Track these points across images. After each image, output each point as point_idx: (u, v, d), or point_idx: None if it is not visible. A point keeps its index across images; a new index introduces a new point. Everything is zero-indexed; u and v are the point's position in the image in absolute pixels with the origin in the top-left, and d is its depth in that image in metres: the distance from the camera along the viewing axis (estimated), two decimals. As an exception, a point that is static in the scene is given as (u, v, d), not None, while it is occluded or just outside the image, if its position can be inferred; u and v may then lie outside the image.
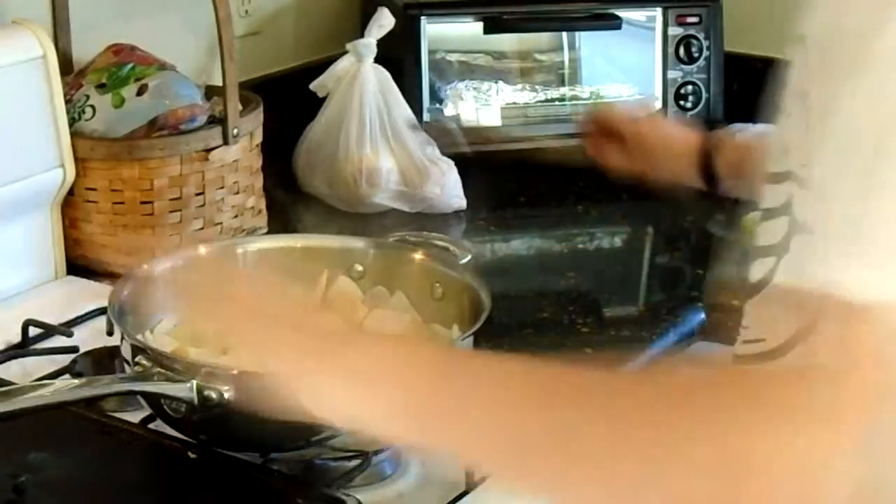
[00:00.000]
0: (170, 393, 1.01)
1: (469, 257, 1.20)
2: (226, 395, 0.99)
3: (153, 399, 1.04)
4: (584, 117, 1.42)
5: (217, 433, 1.05)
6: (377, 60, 1.78)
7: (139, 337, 1.11)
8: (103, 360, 1.22)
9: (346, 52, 1.79)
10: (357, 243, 1.28)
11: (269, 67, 1.93)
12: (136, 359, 1.03)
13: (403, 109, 1.78)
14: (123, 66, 1.51)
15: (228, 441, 1.07)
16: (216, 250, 1.26)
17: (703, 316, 1.47)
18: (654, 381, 0.72)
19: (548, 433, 0.70)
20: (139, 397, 1.06)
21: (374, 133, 1.75)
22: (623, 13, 1.92)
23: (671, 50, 1.92)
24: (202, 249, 1.26)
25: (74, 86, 1.51)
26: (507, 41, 1.99)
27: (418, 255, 1.23)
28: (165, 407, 1.03)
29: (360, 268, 1.22)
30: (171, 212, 1.51)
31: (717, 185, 1.29)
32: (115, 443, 1.12)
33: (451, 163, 1.76)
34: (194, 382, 1.00)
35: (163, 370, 1.01)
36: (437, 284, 1.21)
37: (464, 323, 1.08)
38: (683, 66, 1.92)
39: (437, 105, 1.92)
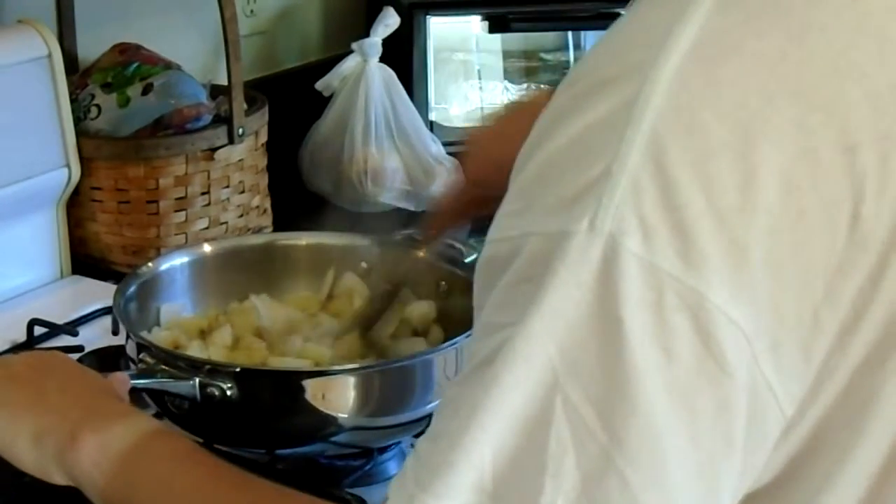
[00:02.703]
0: (173, 390, 1.01)
1: (474, 255, 1.20)
2: (228, 392, 1.00)
3: (157, 396, 1.04)
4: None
5: (221, 430, 1.05)
6: (383, 60, 1.78)
7: (143, 334, 1.11)
8: (109, 360, 1.22)
9: (351, 52, 1.79)
10: (362, 241, 1.28)
11: (275, 67, 1.93)
12: (140, 356, 1.04)
13: (409, 109, 1.78)
14: (129, 66, 1.51)
15: (233, 438, 1.06)
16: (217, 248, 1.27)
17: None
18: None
19: None
20: (143, 394, 1.06)
21: (380, 132, 1.76)
22: (628, 12, 1.91)
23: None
24: (207, 247, 1.26)
25: (80, 85, 1.51)
26: (512, 40, 2.00)
27: (423, 253, 1.23)
28: (169, 404, 1.03)
29: (365, 265, 1.22)
30: (176, 211, 1.51)
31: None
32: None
33: (457, 162, 1.75)
34: (197, 379, 1.00)
35: (167, 367, 1.02)
36: (443, 282, 1.21)
37: (469, 320, 1.08)
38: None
39: (443, 104, 1.92)
